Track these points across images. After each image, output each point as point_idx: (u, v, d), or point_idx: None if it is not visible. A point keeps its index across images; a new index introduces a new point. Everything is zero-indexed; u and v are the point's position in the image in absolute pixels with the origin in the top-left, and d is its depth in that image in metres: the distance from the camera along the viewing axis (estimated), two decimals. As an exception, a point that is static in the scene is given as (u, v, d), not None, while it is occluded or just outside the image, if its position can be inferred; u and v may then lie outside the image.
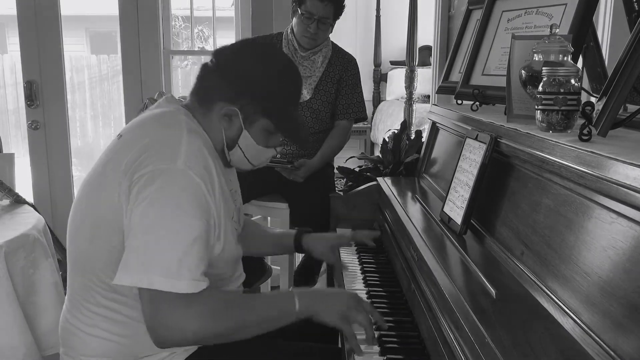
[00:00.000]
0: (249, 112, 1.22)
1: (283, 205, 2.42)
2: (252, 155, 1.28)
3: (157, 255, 1.05)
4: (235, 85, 1.21)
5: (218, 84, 1.22)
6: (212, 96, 1.22)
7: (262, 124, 1.24)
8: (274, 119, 1.24)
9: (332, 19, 2.37)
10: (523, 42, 1.32)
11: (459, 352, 0.92)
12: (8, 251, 1.71)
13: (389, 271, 1.58)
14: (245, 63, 1.23)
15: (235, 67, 1.22)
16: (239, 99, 1.21)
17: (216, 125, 1.23)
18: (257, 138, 1.25)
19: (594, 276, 0.84)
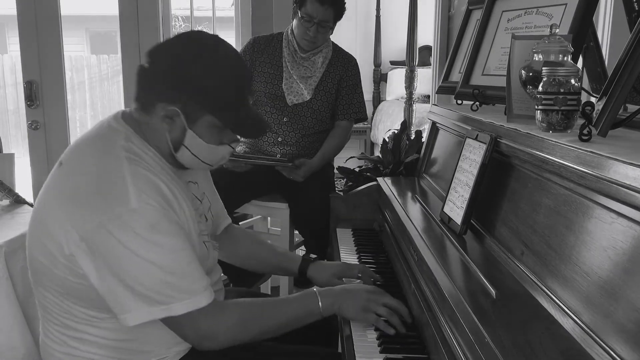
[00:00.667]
0: (190, 110, 1.13)
1: (283, 205, 2.42)
2: (203, 154, 1.19)
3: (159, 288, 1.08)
4: (172, 83, 1.12)
5: (155, 85, 1.14)
6: (151, 99, 1.14)
7: (207, 121, 1.15)
8: (218, 114, 1.15)
9: (332, 22, 2.37)
10: (523, 42, 1.32)
11: (459, 352, 0.92)
12: (8, 251, 1.71)
13: (389, 271, 1.58)
14: (180, 59, 1.13)
15: (170, 64, 1.13)
16: (178, 98, 1.12)
17: (159, 130, 1.16)
18: (204, 136, 1.16)
19: (594, 276, 0.84)
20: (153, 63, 1.14)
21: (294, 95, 2.42)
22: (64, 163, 1.16)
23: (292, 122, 2.43)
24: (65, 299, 1.14)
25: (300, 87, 2.42)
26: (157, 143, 1.18)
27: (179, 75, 1.12)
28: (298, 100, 2.42)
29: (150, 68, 1.15)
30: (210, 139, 1.17)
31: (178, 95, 1.12)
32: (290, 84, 2.42)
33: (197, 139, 1.16)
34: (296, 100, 2.42)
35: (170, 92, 1.13)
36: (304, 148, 2.46)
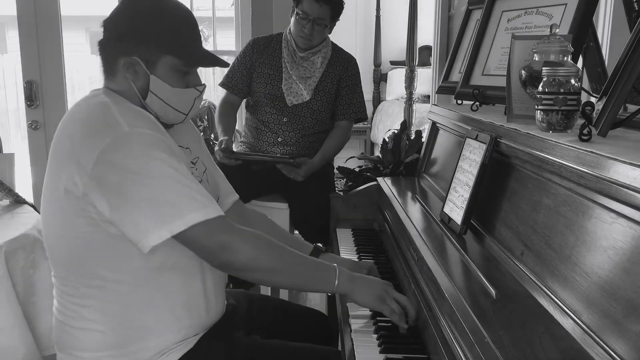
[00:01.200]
0: (147, 55, 1.20)
1: (283, 205, 2.42)
2: (172, 99, 1.24)
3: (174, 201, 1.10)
4: (125, 38, 1.21)
5: (113, 47, 1.23)
6: (112, 61, 1.23)
7: (167, 63, 1.21)
8: (176, 52, 1.21)
9: (329, 20, 2.36)
10: (523, 42, 1.32)
11: (459, 352, 0.92)
12: (8, 251, 1.71)
13: (389, 271, 1.58)
14: (126, 13, 1.23)
15: (119, 22, 1.23)
16: (134, 49, 1.20)
17: (126, 85, 1.23)
18: (168, 79, 1.22)
19: (594, 276, 0.84)
20: (106, 30, 1.24)
21: (294, 96, 2.42)
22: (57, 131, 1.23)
23: (291, 122, 2.43)
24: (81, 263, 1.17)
25: (299, 88, 2.42)
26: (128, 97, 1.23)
27: (130, 27, 1.21)
28: (297, 101, 2.42)
29: (105, 36, 1.24)
30: (175, 83, 1.23)
31: (133, 46, 1.20)
32: (290, 85, 2.42)
33: (161, 83, 1.22)
34: (295, 100, 2.42)
35: (125, 46, 1.20)
36: (304, 148, 2.46)
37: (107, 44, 1.24)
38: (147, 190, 1.09)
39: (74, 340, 1.22)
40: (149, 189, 1.09)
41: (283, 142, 2.44)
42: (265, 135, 2.46)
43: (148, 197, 1.09)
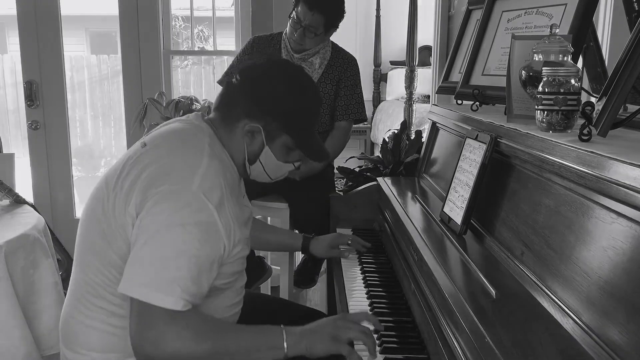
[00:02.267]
0: (271, 129, 1.26)
1: (283, 205, 2.42)
2: (271, 169, 1.32)
3: (154, 269, 1.08)
4: (259, 103, 1.25)
5: (242, 101, 1.26)
6: (236, 113, 1.26)
7: (283, 141, 1.28)
8: (295, 136, 1.28)
9: (322, 29, 2.32)
10: (523, 42, 1.32)
11: (459, 352, 0.92)
12: (8, 251, 1.71)
13: (389, 271, 1.58)
14: (270, 82, 1.27)
15: (260, 86, 1.26)
16: (262, 117, 1.24)
17: (239, 141, 1.27)
18: (277, 154, 1.29)
19: (594, 276, 0.84)
20: (242, 80, 1.27)
21: None
22: (148, 144, 1.24)
23: (292, 122, 2.43)
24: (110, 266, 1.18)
25: None
26: (232, 151, 1.28)
27: (267, 96, 1.25)
28: None
29: (239, 84, 1.27)
30: (280, 157, 1.30)
31: (262, 115, 1.25)
32: None
33: (271, 155, 1.29)
34: None
35: (255, 110, 1.25)
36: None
37: (238, 94, 1.26)
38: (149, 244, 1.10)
39: (82, 338, 1.23)
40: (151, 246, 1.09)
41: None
42: None
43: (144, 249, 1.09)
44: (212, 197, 1.13)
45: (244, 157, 1.29)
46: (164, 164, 1.16)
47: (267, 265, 2.49)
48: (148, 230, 1.10)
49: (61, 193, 3.29)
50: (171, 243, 1.09)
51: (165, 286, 1.07)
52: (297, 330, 1.16)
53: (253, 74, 1.28)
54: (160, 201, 1.11)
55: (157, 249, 1.09)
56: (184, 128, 1.27)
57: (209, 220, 1.13)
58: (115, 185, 1.19)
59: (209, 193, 1.13)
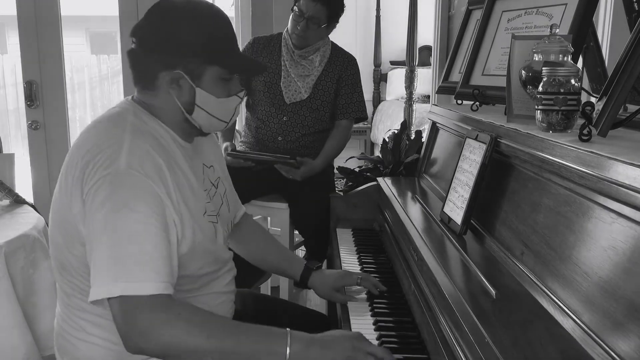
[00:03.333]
0: (192, 68, 1.15)
1: (283, 205, 2.42)
2: (216, 110, 1.20)
3: (118, 261, 1.01)
4: (165, 50, 1.15)
5: (150, 59, 1.17)
6: (151, 73, 1.17)
7: (212, 74, 1.17)
8: (220, 62, 1.17)
9: (325, 20, 2.35)
10: (523, 42, 1.32)
11: (459, 352, 0.92)
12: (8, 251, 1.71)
13: (389, 271, 1.58)
14: (160, 21, 1.17)
15: (154, 33, 1.16)
16: (176, 61, 1.15)
17: (168, 98, 1.18)
18: (213, 91, 1.18)
19: (594, 276, 0.84)
20: (139, 40, 1.18)
21: (292, 93, 2.42)
22: (76, 142, 1.19)
23: (291, 121, 2.44)
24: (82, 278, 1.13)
25: (297, 86, 2.42)
26: (168, 115, 1.19)
27: (168, 38, 1.15)
28: (296, 99, 2.42)
29: (138, 46, 1.18)
30: (219, 93, 1.19)
31: (175, 59, 1.15)
32: (288, 83, 2.43)
33: (207, 95, 1.18)
34: (294, 98, 2.42)
35: (166, 58, 1.15)
36: (304, 147, 2.46)
37: (140, 55, 1.18)
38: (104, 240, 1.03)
39: (74, 350, 1.20)
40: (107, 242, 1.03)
41: (283, 140, 2.44)
42: (265, 134, 2.47)
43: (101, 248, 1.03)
44: (144, 169, 1.07)
45: (181, 110, 1.18)
46: (89, 155, 1.10)
47: (267, 265, 2.49)
48: (96, 226, 1.04)
49: (61, 193, 3.29)
50: (123, 228, 1.02)
51: (138, 273, 1.01)
52: (305, 338, 1.05)
53: (144, 27, 1.18)
54: (97, 193, 1.05)
55: (113, 241, 1.02)
56: (107, 115, 1.20)
57: (150, 191, 1.07)
58: (60, 191, 1.15)
59: (139, 167, 1.07)
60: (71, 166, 1.13)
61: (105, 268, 1.02)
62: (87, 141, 1.15)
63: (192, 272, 1.19)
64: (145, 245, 1.03)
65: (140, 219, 1.04)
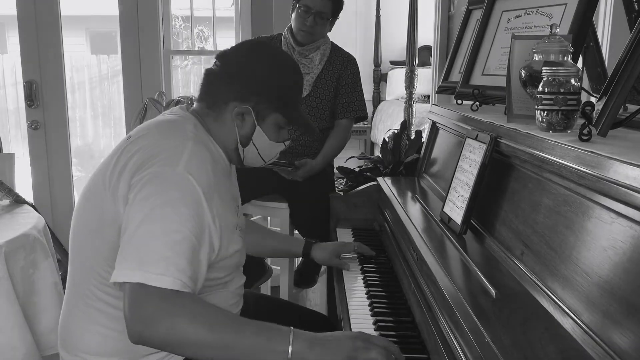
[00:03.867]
0: (260, 108, 1.25)
1: (283, 205, 2.42)
2: (264, 151, 1.31)
3: (146, 251, 1.04)
4: (244, 84, 1.24)
5: (226, 86, 1.25)
6: (222, 98, 1.25)
7: (274, 119, 1.27)
8: (284, 112, 1.27)
9: (330, 14, 2.38)
10: (523, 42, 1.32)
11: (459, 352, 0.92)
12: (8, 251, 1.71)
13: (389, 271, 1.58)
14: (251, 62, 1.27)
15: (242, 67, 1.26)
16: (250, 97, 1.24)
17: (229, 126, 1.26)
18: (269, 133, 1.28)
19: (594, 276, 0.84)
20: (223, 66, 1.27)
21: None
22: (133, 136, 1.23)
23: (291, 120, 2.44)
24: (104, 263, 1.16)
25: None
26: (222, 138, 1.27)
27: (250, 76, 1.25)
28: None
29: (221, 70, 1.27)
30: (272, 136, 1.29)
31: (249, 95, 1.24)
32: None
33: (263, 135, 1.28)
34: None
35: (242, 91, 1.24)
36: (304, 146, 2.46)
37: (220, 79, 1.26)
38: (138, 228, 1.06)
39: (81, 342, 1.22)
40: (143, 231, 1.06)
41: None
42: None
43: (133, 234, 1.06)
44: (198, 179, 1.11)
45: (236, 141, 1.27)
46: (149, 150, 1.15)
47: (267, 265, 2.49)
48: (137, 215, 1.07)
49: (61, 193, 3.29)
50: (161, 224, 1.06)
51: (159, 265, 1.02)
52: (307, 337, 1.05)
53: (233, 56, 1.28)
54: (147, 185, 1.09)
55: (147, 231, 1.05)
56: (169, 119, 1.27)
57: (197, 199, 1.11)
58: (103, 181, 1.17)
59: (195, 174, 1.11)
60: (126, 154, 1.17)
61: (132, 254, 1.06)
62: (148, 136, 1.21)
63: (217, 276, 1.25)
64: (176, 245, 1.06)
65: (179, 220, 1.08)
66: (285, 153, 2.42)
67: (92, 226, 1.19)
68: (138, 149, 1.17)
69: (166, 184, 1.10)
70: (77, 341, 1.22)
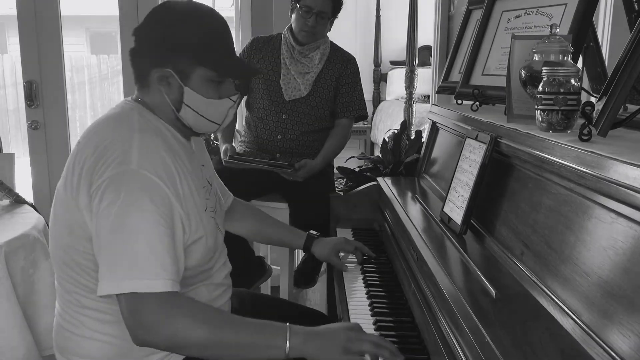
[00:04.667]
0: (181, 67, 1.18)
1: (283, 205, 2.42)
2: (205, 111, 1.22)
3: (128, 259, 1.05)
4: (157, 49, 1.18)
5: (145, 58, 1.21)
6: (144, 71, 1.21)
7: (200, 75, 1.19)
8: (209, 64, 1.18)
9: (331, 13, 2.39)
10: (523, 42, 1.32)
11: (459, 352, 0.92)
12: (8, 251, 1.72)
13: (389, 271, 1.58)
14: (159, 25, 1.20)
15: (150, 33, 1.20)
16: (167, 60, 1.17)
17: (160, 96, 1.21)
18: (202, 91, 1.20)
19: (594, 276, 0.84)
20: (137, 39, 1.22)
21: (292, 91, 2.43)
22: (82, 140, 1.21)
23: (291, 119, 2.44)
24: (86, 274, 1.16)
25: (297, 83, 2.43)
26: (163, 113, 1.22)
27: (161, 38, 1.18)
28: (295, 96, 2.43)
29: (136, 45, 1.22)
30: (209, 94, 1.21)
31: (165, 57, 1.18)
32: (288, 80, 2.43)
33: (196, 95, 1.20)
34: (293, 95, 2.43)
35: (158, 57, 1.18)
36: (303, 146, 2.46)
37: (138, 53, 1.22)
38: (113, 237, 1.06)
39: (75, 347, 1.21)
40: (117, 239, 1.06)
41: (282, 139, 2.45)
42: (265, 132, 2.47)
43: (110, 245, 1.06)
44: (154, 171, 1.10)
45: (172, 108, 1.21)
46: (98, 152, 1.12)
47: (267, 265, 2.49)
48: (106, 224, 1.06)
49: (61, 193, 3.29)
50: (134, 227, 1.05)
51: (148, 271, 1.04)
52: (303, 332, 1.10)
53: (141, 27, 1.22)
54: (106, 191, 1.07)
55: (123, 239, 1.05)
56: (112, 114, 1.23)
57: (159, 192, 1.09)
58: (65, 188, 1.16)
59: (150, 167, 1.10)
60: (79, 162, 1.15)
61: (115, 264, 1.06)
62: (95, 138, 1.17)
63: (192, 265, 1.21)
64: (154, 244, 1.07)
65: (149, 218, 1.07)
66: (285, 154, 2.44)
67: (65, 241, 1.18)
68: (87, 154, 1.14)
69: (125, 186, 1.07)
70: (72, 346, 1.22)
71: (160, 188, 1.10)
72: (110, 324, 1.18)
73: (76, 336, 1.20)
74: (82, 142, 1.20)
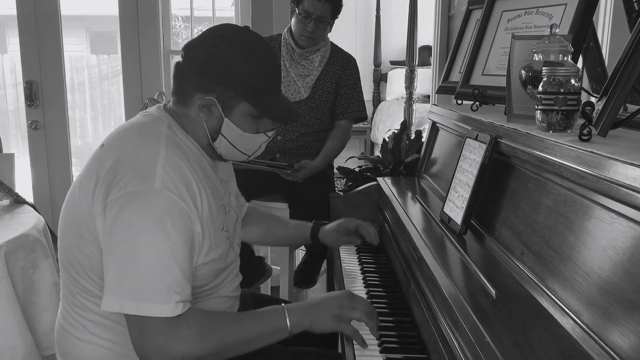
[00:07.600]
0: (225, 98, 1.17)
1: (283, 205, 2.42)
2: (240, 143, 1.23)
3: (143, 280, 1.05)
4: (207, 74, 1.16)
5: (191, 77, 1.19)
6: (188, 92, 1.19)
7: (243, 109, 1.19)
8: (254, 101, 1.19)
9: (330, 17, 2.39)
10: (523, 42, 1.32)
11: (459, 352, 0.92)
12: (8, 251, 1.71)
13: (389, 271, 1.58)
14: (213, 50, 1.18)
15: (204, 57, 1.18)
16: (214, 88, 1.17)
17: (198, 121, 1.20)
18: (241, 124, 1.20)
19: (594, 276, 0.84)
20: (187, 57, 1.20)
21: (292, 93, 2.43)
22: (106, 144, 1.20)
23: (291, 120, 2.44)
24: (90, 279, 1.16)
25: (297, 85, 2.43)
26: (196, 134, 1.22)
27: (213, 65, 1.16)
28: (295, 98, 2.43)
29: (185, 61, 1.20)
30: (246, 128, 1.21)
31: (213, 85, 1.17)
32: (288, 82, 2.43)
33: (234, 127, 1.20)
34: (293, 98, 2.43)
35: (205, 82, 1.17)
36: (303, 147, 2.46)
37: (185, 71, 1.20)
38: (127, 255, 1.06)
39: (76, 350, 1.21)
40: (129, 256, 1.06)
41: (283, 140, 2.45)
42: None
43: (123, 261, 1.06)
44: (177, 190, 1.09)
45: (207, 135, 1.21)
46: (120, 163, 1.11)
47: (267, 265, 2.49)
48: (121, 239, 1.06)
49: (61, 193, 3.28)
50: (151, 248, 1.05)
51: (160, 295, 1.05)
52: (299, 307, 1.18)
53: (196, 46, 1.20)
54: (126, 207, 1.06)
55: (138, 258, 1.05)
56: (141, 122, 1.22)
57: (180, 212, 1.09)
58: (80, 189, 1.15)
59: (173, 187, 1.08)
60: (98, 168, 1.13)
61: (122, 281, 1.06)
62: (118, 147, 1.16)
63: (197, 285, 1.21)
64: (170, 267, 1.07)
65: (168, 239, 1.07)
66: (285, 154, 2.44)
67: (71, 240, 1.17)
68: (108, 163, 1.12)
69: (147, 205, 1.06)
70: (72, 350, 1.21)
71: (182, 208, 1.09)
72: (111, 330, 1.17)
73: (77, 339, 1.20)
74: (106, 146, 1.19)
